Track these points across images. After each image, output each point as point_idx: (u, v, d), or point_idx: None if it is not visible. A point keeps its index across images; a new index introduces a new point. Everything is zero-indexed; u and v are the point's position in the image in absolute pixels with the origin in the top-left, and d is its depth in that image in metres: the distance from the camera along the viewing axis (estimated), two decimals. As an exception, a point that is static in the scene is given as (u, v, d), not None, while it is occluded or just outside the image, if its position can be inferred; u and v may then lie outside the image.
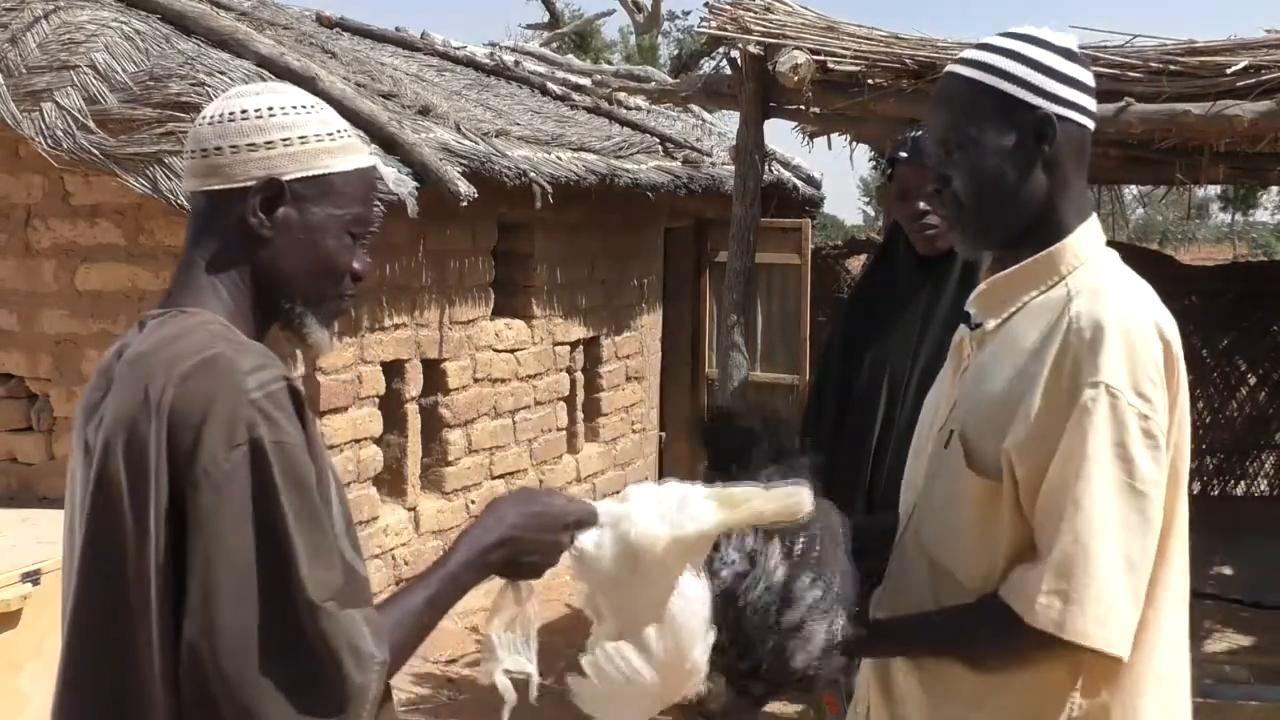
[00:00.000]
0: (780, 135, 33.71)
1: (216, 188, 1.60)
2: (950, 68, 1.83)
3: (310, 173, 1.60)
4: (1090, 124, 1.79)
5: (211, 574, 1.40)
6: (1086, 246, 1.79)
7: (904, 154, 2.94)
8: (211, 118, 1.62)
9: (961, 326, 1.91)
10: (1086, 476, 1.63)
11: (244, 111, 1.60)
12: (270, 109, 1.60)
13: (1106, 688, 1.72)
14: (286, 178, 1.59)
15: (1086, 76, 1.79)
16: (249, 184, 1.58)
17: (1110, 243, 1.85)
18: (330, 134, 1.63)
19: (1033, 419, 1.67)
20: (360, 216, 1.65)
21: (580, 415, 7.81)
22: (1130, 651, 1.67)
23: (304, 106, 1.63)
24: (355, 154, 1.65)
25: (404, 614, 1.55)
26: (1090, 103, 1.79)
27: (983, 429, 1.74)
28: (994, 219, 1.79)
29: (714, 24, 4.74)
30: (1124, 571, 1.64)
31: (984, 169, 1.76)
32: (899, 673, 1.88)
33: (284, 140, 1.60)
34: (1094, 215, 1.84)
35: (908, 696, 1.86)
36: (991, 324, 1.81)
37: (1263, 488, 9.35)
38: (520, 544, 1.64)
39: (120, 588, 1.44)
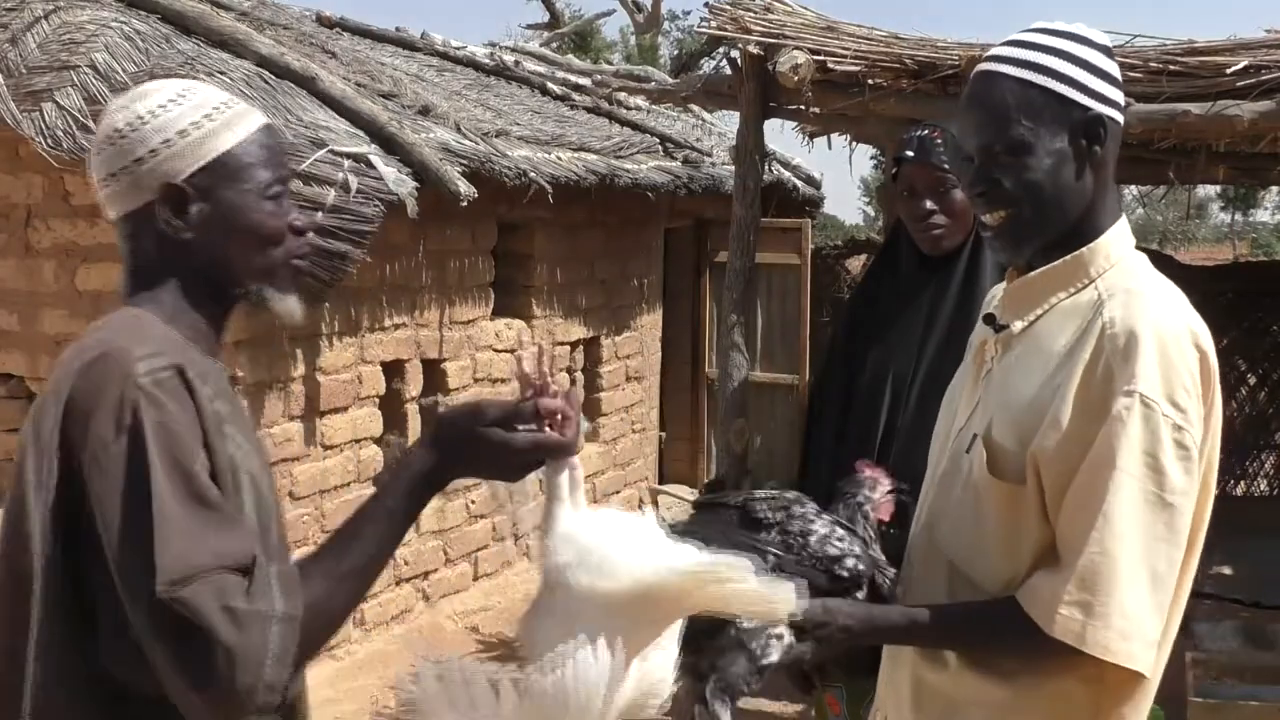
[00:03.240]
0: (780, 135, 33.70)
1: (129, 210, 1.61)
2: (991, 68, 1.76)
3: (202, 162, 1.59)
4: (1123, 120, 1.78)
5: (110, 557, 1.41)
6: (1118, 248, 1.76)
7: (910, 153, 2.93)
8: (98, 146, 1.62)
9: (983, 327, 1.87)
10: (1116, 487, 1.60)
11: (119, 130, 1.60)
12: (140, 118, 1.59)
13: (1128, 701, 1.69)
14: (181, 178, 1.58)
15: (1119, 72, 1.78)
16: (152, 198, 1.58)
17: None
18: (207, 115, 1.61)
19: (1063, 424, 1.64)
20: (271, 179, 1.63)
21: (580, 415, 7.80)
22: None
23: (171, 100, 1.61)
24: (241, 123, 1.63)
25: (323, 576, 1.49)
26: (1123, 98, 1.77)
27: (1008, 433, 1.71)
28: (1048, 222, 1.74)
29: (714, 24, 4.74)
30: (1149, 585, 1.61)
31: (1040, 171, 1.71)
32: (924, 682, 1.84)
33: (164, 143, 1.58)
34: (1124, 215, 1.81)
35: (932, 706, 1.82)
36: (1019, 326, 1.77)
37: (1262, 488, 9.35)
38: (468, 435, 1.54)
39: (17, 578, 1.47)
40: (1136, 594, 1.60)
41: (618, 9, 21.90)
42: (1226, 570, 7.02)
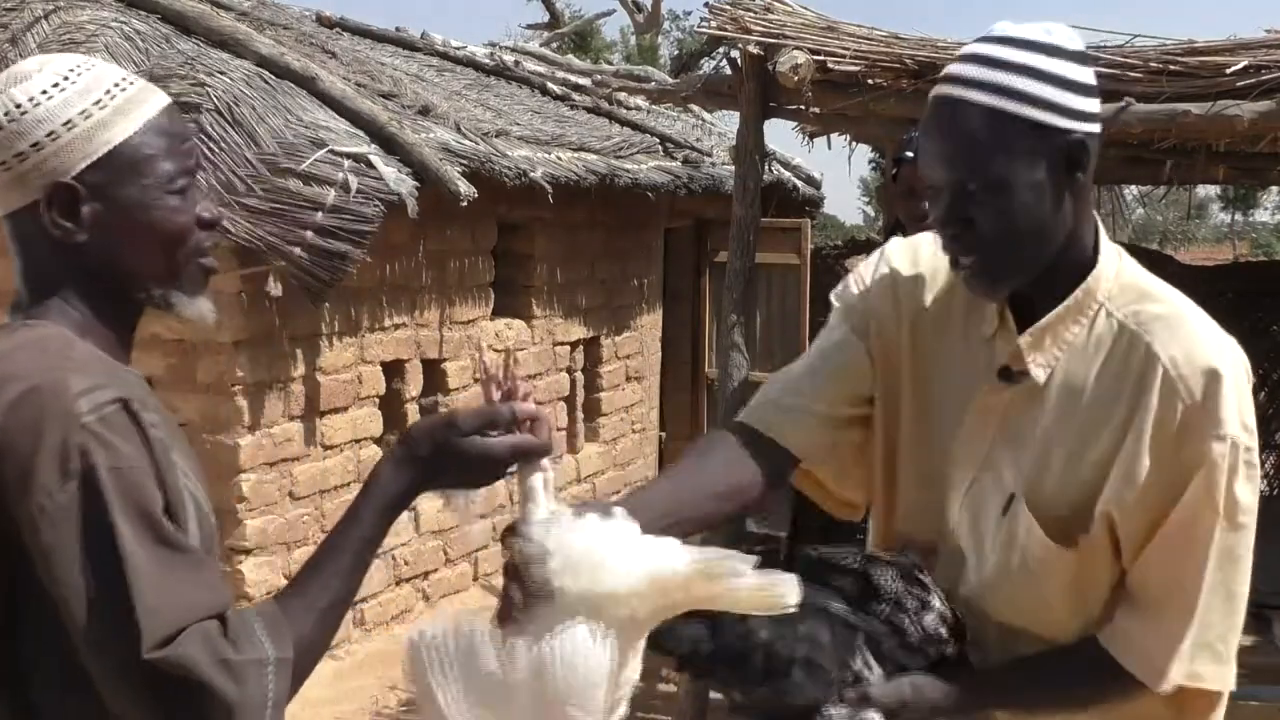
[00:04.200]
0: (780, 135, 33.72)
1: (13, 209, 1.41)
2: (957, 93, 1.55)
3: (94, 156, 1.39)
4: (1100, 129, 1.61)
5: (84, 608, 1.27)
6: (1110, 263, 1.64)
7: (909, 154, 2.93)
8: None
9: (989, 377, 1.68)
10: (1211, 533, 1.55)
11: None
12: (19, 106, 1.38)
13: (1210, 713, 1.67)
14: (71, 175, 1.38)
15: (1094, 77, 1.60)
16: (38, 197, 1.39)
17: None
18: (97, 102, 1.40)
19: (1141, 477, 1.55)
20: (175, 171, 1.43)
21: (580, 415, 7.81)
22: None
23: (55, 84, 1.39)
24: (137, 109, 1.42)
25: (302, 610, 1.39)
26: (1099, 105, 1.60)
27: (1062, 494, 1.60)
28: (1028, 260, 1.59)
29: (714, 24, 4.73)
30: (1233, 609, 1.60)
31: (1017, 209, 1.54)
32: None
33: (49, 135, 1.38)
34: (1098, 219, 1.67)
35: None
36: (1042, 376, 1.63)
37: (1262, 487, 9.35)
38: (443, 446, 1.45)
39: None
40: (1225, 620, 1.59)
41: (618, 9, 21.91)
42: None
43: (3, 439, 1.29)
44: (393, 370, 6.01)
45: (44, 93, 1.39)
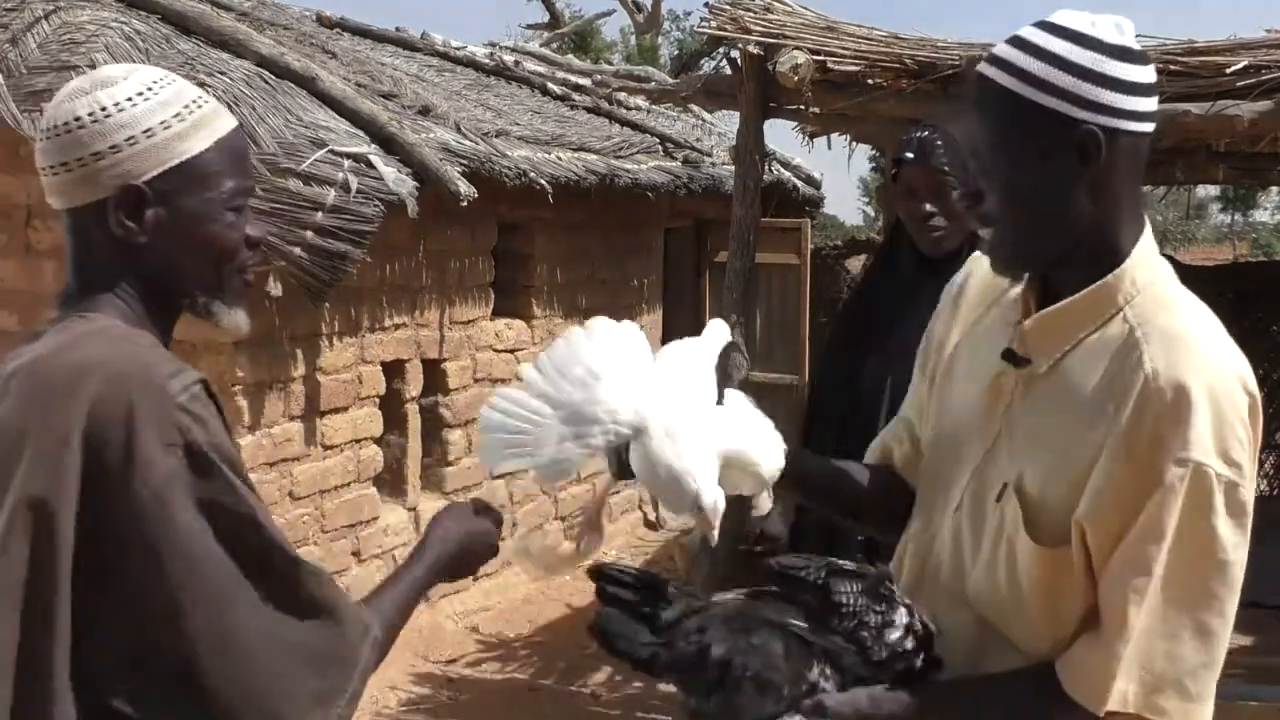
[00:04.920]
0: (780, 135, 33.71)
1: (77, 204, 1.49)
2: (985, 70, 1.59)
3: (167, 165, 1.47)
4: (1149, 128, 1.57)
5: (180, 588, 1.32)
6: (1145, 271, 1.59)
7: (910, 154, 2.92)
8: (50, 130, 1.49)
9: (994, 346, 1.71)
10: (1165, 561, 1.49)
11: (78, 119, 1.46)
12: (104, 109, 1.46)
13: None
14: (143, 179, 1.46)
15: (1145, 75, 1.55)
16: (107, 196, 1.46)
17: None
18: (177, 115, 1.48)
19: (1108, 492, 1.51)
20: (236, 189, 1.52)
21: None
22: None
23: (140, 93, 1.48)
24: (211, 125, 1.50)
25: (383, 612, 1.57)
26: (1150, 104, 1.56)
27: (1044, 489, 1.58)
28: (1030, 245, 1.60)
29: (714, 24, 4.74)
30: (1204, 647, 1.52)
31: (1017, 192, 1.57)
32: None
33: (128, 140, 1.46)
34: (1148, 227, 1.63)
35: None
36: (1044, 365, 1.62)
37: (1262, 488, 9.34)
38: (468, 555, 1.78)
39: (22, 609, 1.34)
40: (1189, 657, 1.52)
41: (618, 9, 21.92)
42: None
43: (96, 426, 1.33)
44: (393, 370, 6.01)
45: (129, 99, 1.47)
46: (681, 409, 1.66)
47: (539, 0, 21.46)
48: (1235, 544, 1.51)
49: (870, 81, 4.51)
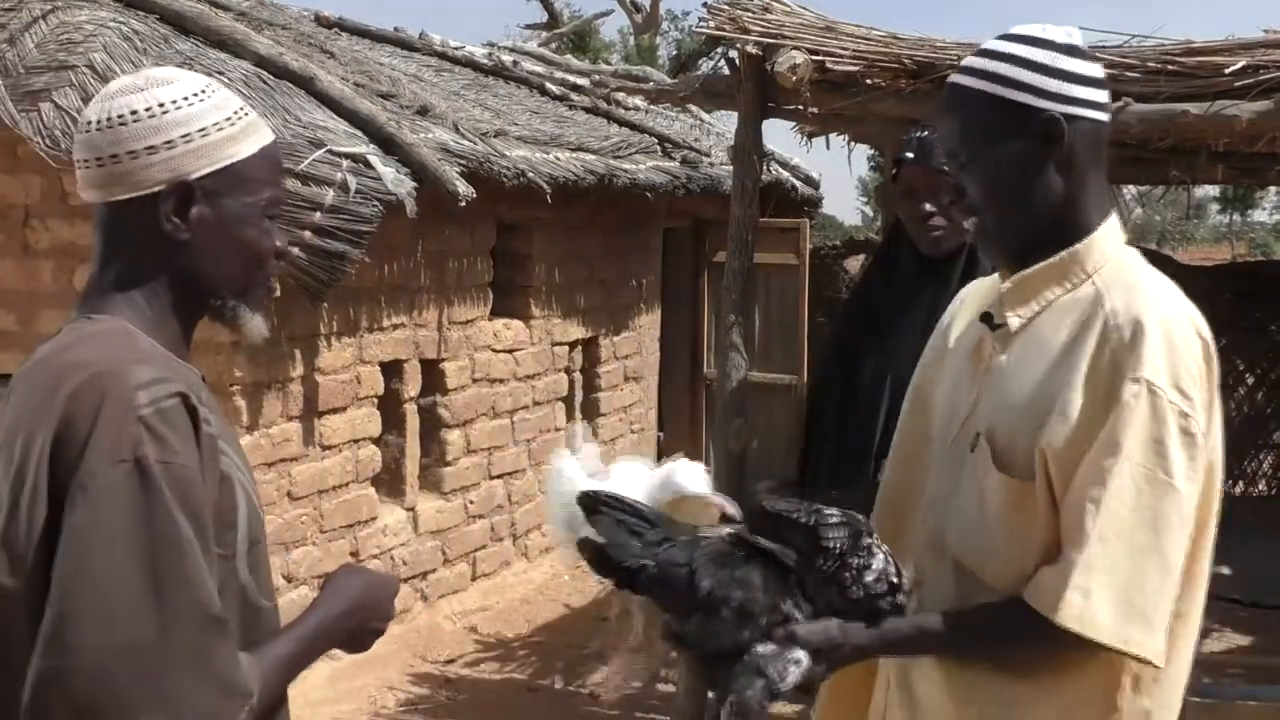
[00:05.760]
0: (779, 135, 33.72)
1: (121, 197, 1.51)
2: (954, 77, 1.82)
3: (218, 165, 1.51)
4: (1104, 117, 1.77)
5: (76, 595, 1.30)
6: (1111, 245, 1.78)
7: (909, 154, 2.93)
8: (100, 122, 1.51)
9: (979, 325, 1.87)
10: (1120, 473, 1.60)
11: (134, 112, 1.50)
12: (162, 105, 1.50)
13: (1147, 694, 1.68)
14: (194, 176, 1.50)
15: (1094, 70, 1.77)
16: (156, 189, 1.49)
17: None
18: (229, 119, 1.53)
19: (1072, 416, 1.64)
20: (274, 198, 1.58)
21: (579, 415, 7.81)
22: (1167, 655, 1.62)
23: (195, 94, 1.53)
24: (257, 133, 1.56)
25: (270, 665, 1.48)
26: (1101, 96, 1.77)
27: (1013, 429, 1.71)
28: (1011, 225, 1.78)
29: (712, 24, 4.73)
30: (1157, 570, 1.60)
31: (995, 178, 1.76)
32: (920, 678, 1.83)
33: (184, 137, 1.50)
34: (1114, 213, 1.82)
35: (930, 703, 1.81)
36: (1016, 323, 1.78)
37: (1261, 488, 9.35)
38: (366, 611, 1.63)
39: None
40: (1142, 579, 1.59)
41: (616, 9, 21.92)
42: (1225, 570, 7.03)
43: (64, 423, 1.36)
44: (391, 370, 6.00)
45: (185, 99, 1.51)
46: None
47: (537, 0, 21.47)
48: (1186, 474, 1.62)
49: (869, 81, 4.50)
